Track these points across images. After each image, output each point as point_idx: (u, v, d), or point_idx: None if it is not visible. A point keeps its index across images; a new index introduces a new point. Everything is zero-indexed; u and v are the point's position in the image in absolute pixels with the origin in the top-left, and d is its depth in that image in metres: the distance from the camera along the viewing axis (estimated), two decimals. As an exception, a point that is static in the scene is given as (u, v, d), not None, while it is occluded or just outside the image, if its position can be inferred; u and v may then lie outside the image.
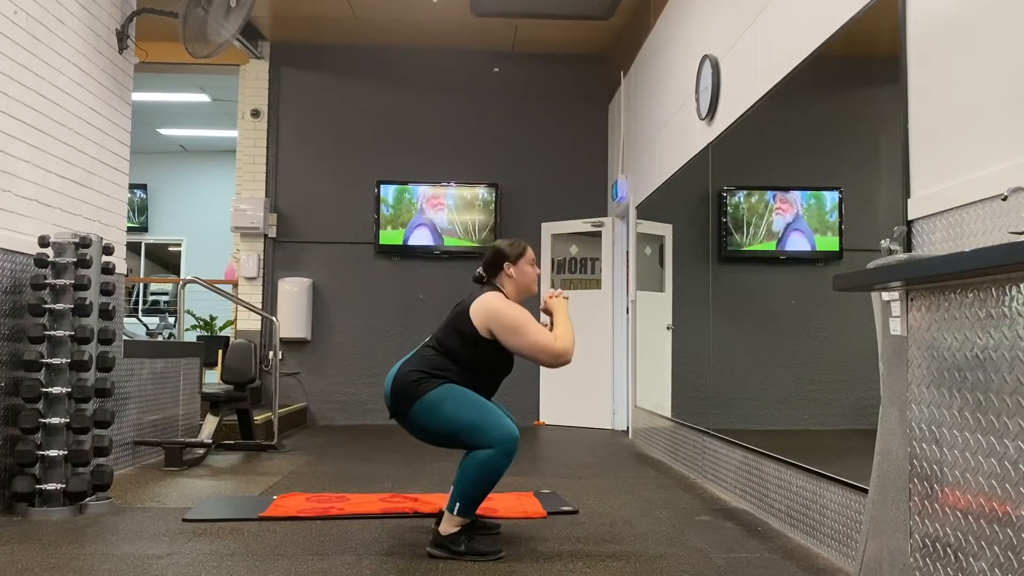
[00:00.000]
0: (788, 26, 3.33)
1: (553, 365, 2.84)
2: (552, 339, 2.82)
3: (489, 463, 2.68)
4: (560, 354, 2.81)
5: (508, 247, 2.99)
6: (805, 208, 3.18)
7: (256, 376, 5.41)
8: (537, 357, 2.81)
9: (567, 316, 2.96)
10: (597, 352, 7.09)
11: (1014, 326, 1.71)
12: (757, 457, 3.52)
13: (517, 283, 2.98)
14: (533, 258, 3.03)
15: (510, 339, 2.80)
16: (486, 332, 2.80)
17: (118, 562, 2.64)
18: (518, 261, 2.98)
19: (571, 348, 2.84)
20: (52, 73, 3.78)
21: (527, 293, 3.01)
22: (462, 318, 2.84)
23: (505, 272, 2.97)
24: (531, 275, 3.00)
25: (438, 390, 2.75)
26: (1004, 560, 1.73)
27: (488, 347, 2.83)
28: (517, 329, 2.78)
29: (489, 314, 2.80)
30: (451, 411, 2.72)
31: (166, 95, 9.01)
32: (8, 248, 3.42)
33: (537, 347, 2.79)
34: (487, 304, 2.82)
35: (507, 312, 2.80)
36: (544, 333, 2.83)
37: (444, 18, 6.99)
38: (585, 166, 7.72)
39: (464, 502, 2.71)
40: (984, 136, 2.03)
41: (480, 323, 2.80)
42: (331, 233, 7.54)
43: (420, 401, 2.74)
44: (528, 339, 2.79)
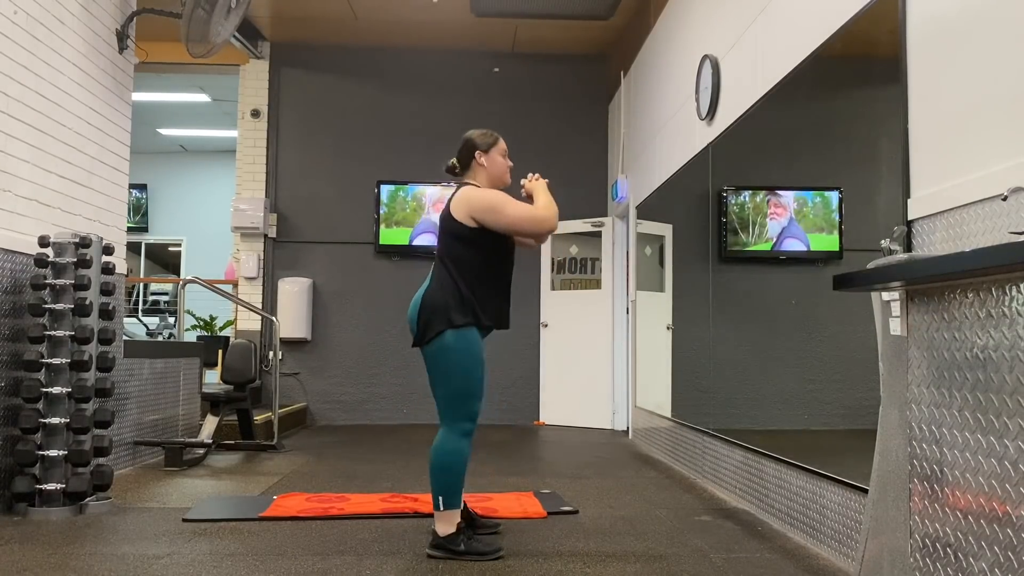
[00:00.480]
0: (788, 26, 3.32)
1: (538, 232, 2.88)
2: (533, 208, 2.89)
3: (449, 447, 2.76)
4: (543, 219, 2.87)
5: (479, 136, 3.02)
6: (802, 208, 3.18)
7: (256, 376, 5.41)
8: (522, 227, 2.86)
9: (547, 192, 3.01)
10: (597, 352, 7.09)
11: (1014, 326, 1.71)
12: (757, 457, 3.52)
13: (488, 172, 3.01)
14: (505, 149, 3.07)
15: (493, 218, 2.83)
16: (471, 222, 2.85)
17: (118, 562, 2.64)
18: (489, 150, 3.01)
19: (554, 215, 2.89)
20: (52, 73, 3.78)
21: (499, 183, 3.04)
22: (448, 221, 2.89)
23: (477, 161, 3.00)
24: (502, 165, 3.04)
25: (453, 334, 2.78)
26: (1004, 560, 1.73)
27: (482, 237, 2.87)
28: (495, 206, 2.83)
29: (467, 204, 2.85)
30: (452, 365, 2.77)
31: (166, 95, 9.01)
32: (8, 248, 3.42)
33: (520, 217, 2.84)
34: (462, 196, 2.88)
35: (482, 195, 2.86)
36: (524, 205, 2.89)
37: (444, 18, 6.99)
38: (585, 166, 7.72)
39: (442, 493, 2.75)
40: (984, 136, 2.03)
41: (463, 216, 2.85)
42: (331, 233, 7.54)
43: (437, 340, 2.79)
44: (508, 211, 2.84)
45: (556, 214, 2.91)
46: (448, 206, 2.91)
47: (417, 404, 7.42)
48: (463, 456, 2.77)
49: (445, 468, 2.76)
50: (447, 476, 2.75)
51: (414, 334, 2.88)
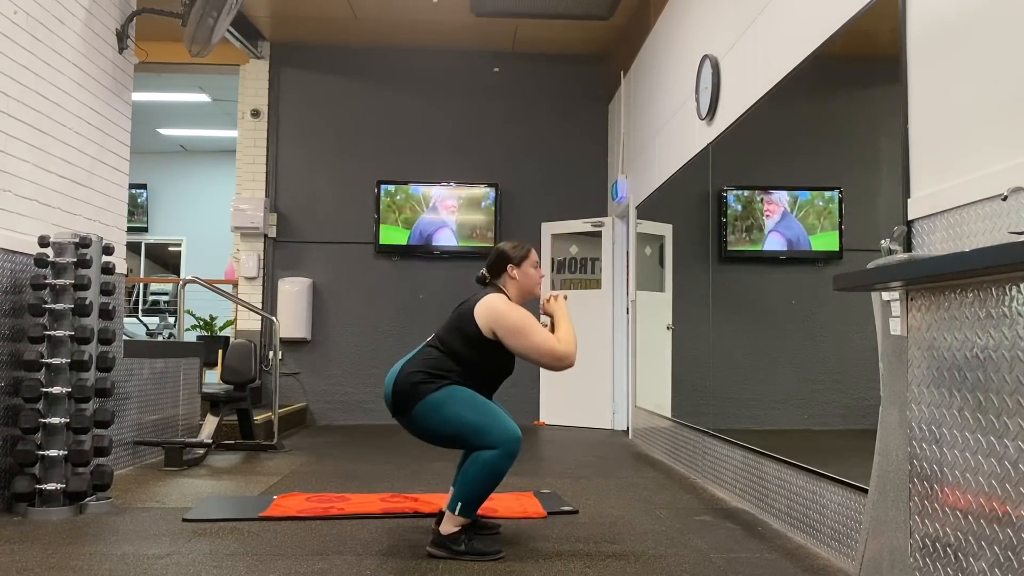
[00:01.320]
0: (788, 26, 3.32)
1: (556, 368, 2.84)
2: (555, 342, 2.83)
3: (492, 464, 2.69)
4: (563, 356, 2.82)
5: (512, 249, 3.00)
6: (796, 207, 3.18)
7: (256, 376, 5.41)
8: (540, 360, 2.82)
9: (568, 317, 2.96)
10: (597, 352, 7.09)
11: (1014, 326, 1.71)
12: (757, 457, 3.52)
13: (520, 285, 2.98)
14: (536, 260, 3.04)
15: (513, 341, 2.80)
16: (489, 333, 2.81)
17: (118, 562, 2.64)
18: (522, 263, 2.98)
19: (574, 351, 2.85)
20: (52, 73, 3.78)
21: (530, 296, 3.01)
22: (465, 318, 2.84)
23: (508, 274, 2.98)
24: (534, 277, 3.00)
25: (441, 391, 2.75)
26: (1004, 560, 1.73)
27: (491, 348, 2.83)
28: (520, 331, 2.79)
29: (493, 315, 2.80)
30: (454, 412, 2.72)
31: (166, 95, 9.01)
32: (8, 248, 3.42)
33: (541, 350, 2.80)
34: (491, 306, 2.82)
35: (510, 314, 2.81)
36: (547, 336, 2.83)
37: (444, 18, 6.99)
38: (585, 166, 7.72)
39: (466, 502, 2.71)
40: (984, 136, 2.03)
41: (484, 324, 2.80)
42: (331, 233, 7.54)
43: (423, 402, 2.74)
44: (532, 341, 2.79)
45: (576, 348, 2.85)
46: (472, 306, 2.85)
47: (417, 404, 7.40)
48: (503, 476, 2.72)
49: (481, 482, 2.69)
50: (479, 489, 2.70)
51: (391, 405, 2.81)
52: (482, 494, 2.72)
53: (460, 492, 2.72)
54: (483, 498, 2.73)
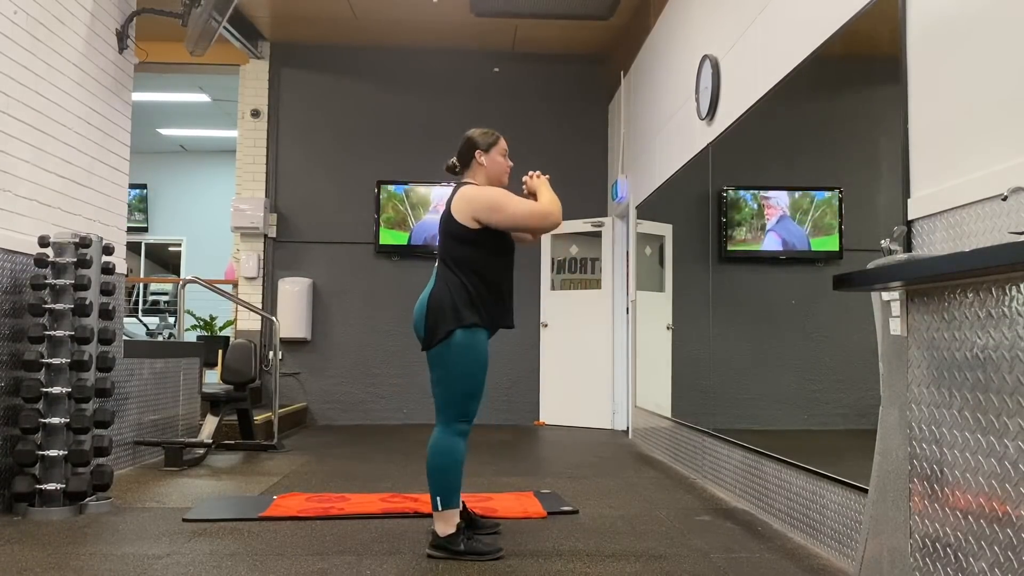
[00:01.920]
0: (788, 26, 3.32)
1: (542, 227, 2.87)
2: (535, 204, 2.87)
3: (445, 446, 2.76)
4: (547, 214, 2.86)
5: (480, 136, 3.00)
6: (793, 207, 3.18)
7: (256, 376, 5.41)
8: (528, 222, 2.84)
9: (549, 190, 3.00)
10: (597, 352, 7.09)
11: (1014, 326, 1.71)
12: (757, 457, 3.52)
13: (488, 172, 2.99)
14: (505, 148, 3.05)
15: (495, 217, 2.82)
16: (472, 222, 2.83)
17: (118, 562, 2.64)
18: (490, 150, 2.99)
19: (557, 210, 2.88)
20: (52, 73, 3.78)
21: (498, 183, 3.02)
22: (448, 223, 2.87)
23: (476, 160, 2.99)
24: (502, 165, 3.02)
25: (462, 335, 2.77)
26: (1004, 560, 1.73)
27: (484, 236, 2.85)
28: (497, 205, 2.82)
29: (468, 203, 2.83)
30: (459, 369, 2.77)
31: (166, 95, 9.01)
32: (8, 248, 3.42)
33: (523, 213, 2.83)
34: (463, 196, 2.86)
35: (483, 193, 2.84)
36: (526, 201, 2.88)
37: (444, 18, 6.99)
38: (585, 166, 7.72)
39: (441, 493, 2.75)
40: (984, 136, 2.03)
41: (464, 216, 2.83)
42: (331, 233, 7.54)
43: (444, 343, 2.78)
44: (511, 209, 2.82)
45: (560, 208, 2.90)
46: (448, 207, 2.89)
47: (417, 404, 7.42)
48: (459, 455, 2.77)
49: (442, 468, 2.76)
50: (444, 475, 2.75)
51: (421, 338, 2.86)
52: (451, 479, 2.75)
53: (431, 487, 2.77)
54: (454, 482, 2.76)
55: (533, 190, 3.04)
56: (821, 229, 3.02)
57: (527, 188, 3.07)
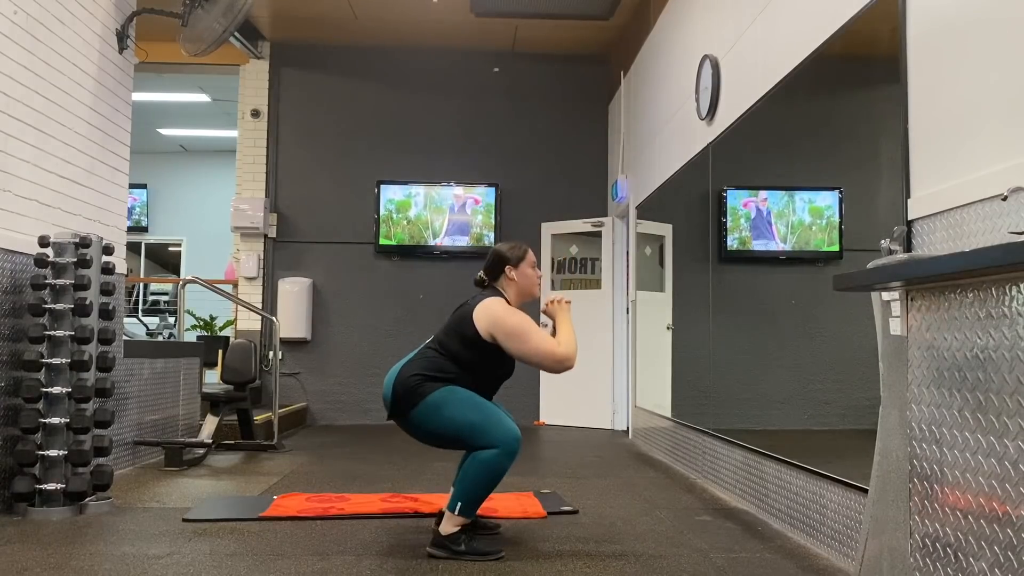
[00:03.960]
0: (788, 26, 3.32)
1: (556, 370, 2.84)
2: (555, 345, 2.82)
3: (492, 463, 2.69)
4: (563, 359, 2.81)
5: (508, 251, 2.99)
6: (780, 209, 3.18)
7: (256, 376, 5.41)
8: (541, 363, 2.82)
9: (569, 321, 2.96)
10: (597, 352, 7.09)
11: (1014, 326, 1.71)
12: (757, 457, 3.52)
13: (519, 286, 2.98)
14: (534, 261, 3.03)
15: (513, 344, 2.80)
16: (488, 336, 2.81)
17: (118, 562, 2.64)
18: (519, 264, 2.98)
19: (574, 353, 2.84)
20: (52, 73, 3.78)
21: (529, 296, 3.01)
22: (465, 321, 2.84)
23: (506, 276, 2.97)
24: (532, 278, 3.00)
25: (440, 392, 2.75)
26: (1004, 560, 1.73)
27: (490, 351, 2.83)
28: (520, 335, 2.79)
29: (492, 319, 2.80)
30: (453, 413, 2.72)
31: (166, 95, 9.01)
32: (8, 248, 3.42)
33: (540, 353, 2.80)
34: (490, 309, 2.82)
35: (510, 318, 2.80)
36: (547, 339, 2.83)
37: (444, 18, 6.99)
38: (585, 166, 7.72)
39: (466, 502, 2.71)
40: (984, 136, 2.03)
41: (483, 328, 2.80)
42: (331, 233, 7.54)
43: (423, 403, 2.74)
44: (531, 345, 2.79)
45: (576, 349, 2.85)
46: (471, 310, 2.84)
47: (417, 404, 7.40)
48: (502, 476, 2.72)
49: (481, 482, 2.70)
50: (479, 489, 2.71)
51: (389, 406, 2.80)
52: (482, 494, 2.72)
53: (460, 492, 2.72)
54: (483, 498, 2.73)
55: (552, 315, 3.00)
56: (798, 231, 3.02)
57: (546, 312, 3.03)
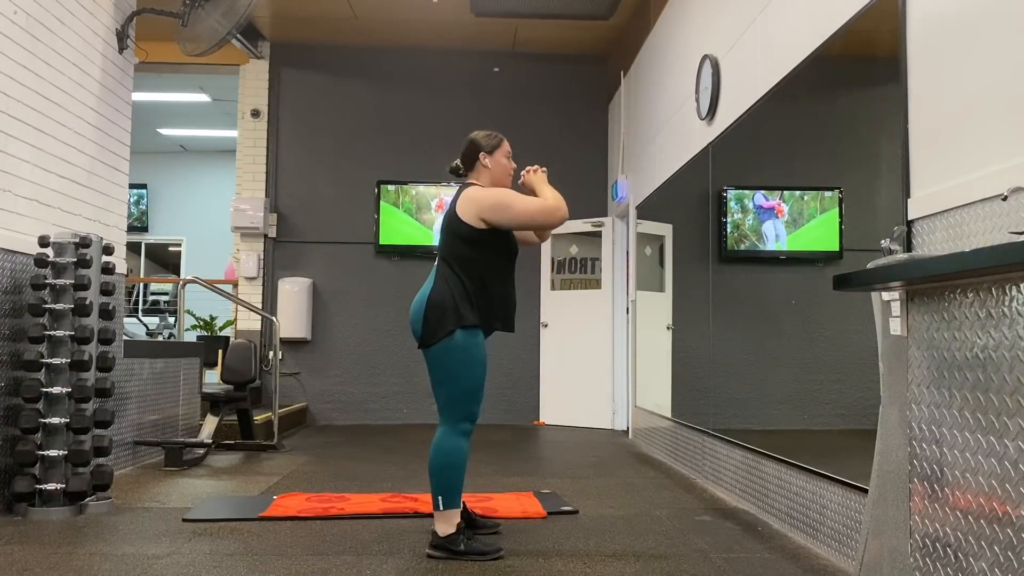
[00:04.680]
0: (788, 26, 3.33)
1: (550, 223, 2.87)
2: (542, 200, 2.87)
3: (446, 447, 2.76)
4: (553, 208, 2.85)
5: (484, 138, 3.00)
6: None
7: (256, 376, 5.41)
8: (534, 219, 2.84)
9: (547, 184, 3.00)
10: (597, 352, 7.09)
11: (1014, 326, 1.71)
12: (757, 457, 3.52)
13: (492, 174, 2.99)
14: (509, 151, 3.04)
15: (502, 216, 2.82)
16: (479, 222, 2.82)
17: (118, 562, 2.64)
18: (494, 152, 2.99)
19: (562, 203, 2.88)
20: (52, 73, 3.78)
21: (502, 185, 3.01)
22: (454, 222, 2.86)
23: (480, 162, 2.98)
24: (506, 166, 3.02)
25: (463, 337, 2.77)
26: (1004, 560, 1.73)
27: (489, 237, 2.84)
28: (503, 204, 2.82)
29: (474, 203, 2.83)
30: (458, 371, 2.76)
31: (166, 95, 9.01)
32: (8, 248, 3.42)
33: (530, 210, 2.83)
34: (467, 196, 2.85)
35: (488, 193, 2.84)
36: (532, 198, 2.87)
37: (444, 18, 6.99)
38: (585, 166, 7.72)
39: (443, 492, 2.75)
40: (984, 136, 2.03)
41: (470, 216, 2.82)
42: (331, 233, 7.54)
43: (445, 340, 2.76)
44: (518, 207, 2.82)
45: (564, 203, 2.89)
46: (453, 207, 2.88)
47: (417, 404, 7.42)
48: (462, 455, 2.77)
49: (444, 467, 2.76)
50: (446, 475, 2.75)
51: (417, 335, 2.84)
52: (453, 476, 2.75)
53: (434, 486, 2.77)
54: (456, 481, 2.76)
55: (531, 185, 3.04)
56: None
57: (524, 183, 3.07)
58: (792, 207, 3.30)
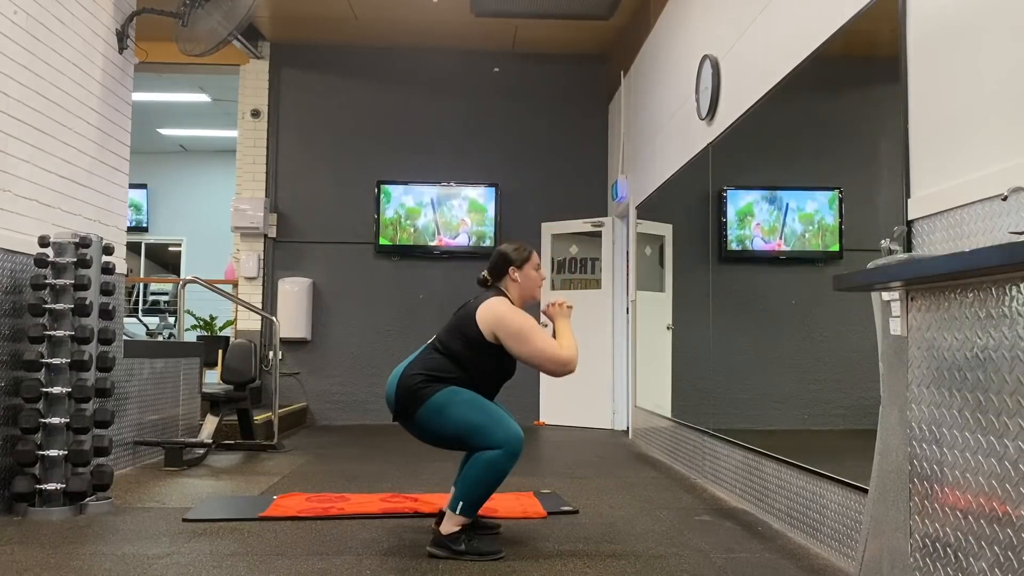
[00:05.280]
0: (788, 26, 3.33)
1: (557, 373, 2.84)
2: (557, 347, 2.83)
3: (494, 464, 2.69)
4: (565, 362, 2.82)
5: (513, 251, 2.99)
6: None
7: (256, 376, 5.41)
8: (542, 365, 2.82)
9: (569, 325, 2.97)
10: (597, 352, 7.09)
11: (1014, 326, 1.71)
12: (757, 457, 3.52)
13: (521, 288, 2.98)
14: (538, 263, 3.03)
15: (515, 345, 2.80)
16: (491, 337, 2.81)
17: (118, 562, 2.64)
18: (523, 266, 2.98)
19: (575, 356, 2.84)
20: (52, 73, 3.78)
21: (531, 298, 3.02)
22: (467, 321, 2.84)
23: (510, 277, 2.97)
24: (536, 280, 3.00)
25: (443, 392, 2.75)
26: (1004, 560, 1.73)
27: (492, 351, 2.84)
28: (523, 336, 2.79)
29: (495, 320, 2.80)
30: (457, 413, 2.72)
31: (166, 95, 9.01)
32: (8, 248, 3.42)
33: (544, 355, 2.80)
34: (493, 310, 2.82)
35: (513, 319, 2.80)
36: (549, 341, 2.84)
37: (444, 18, 6.99)
38: (585, 166, 7.72)
39: (468, 502, 2.72)
40: (984, 136, 2.03)
41: (486, 328, 2.80)
42: (331, 233, 7.54)
43: (426, 404, 2.74)
44: (534, 347, 2.79)
45: (577, 354, 2.85)
46: (474, 309, 2.85)
47: (417, 404, 7.41)
48: (504, 476, 2.72)
49: (483, 482, 2.69)
50: (481, 489, 2.70)
51: (394, 408, 2.82)
52: (484, 494, 2.72)
53: (462, 492, 2.72)
54: (485, 498, 2.73)
55: (552, 318, 3.00)
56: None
57: (547, 312, 3.03)
58: (795, 244, 3.30)
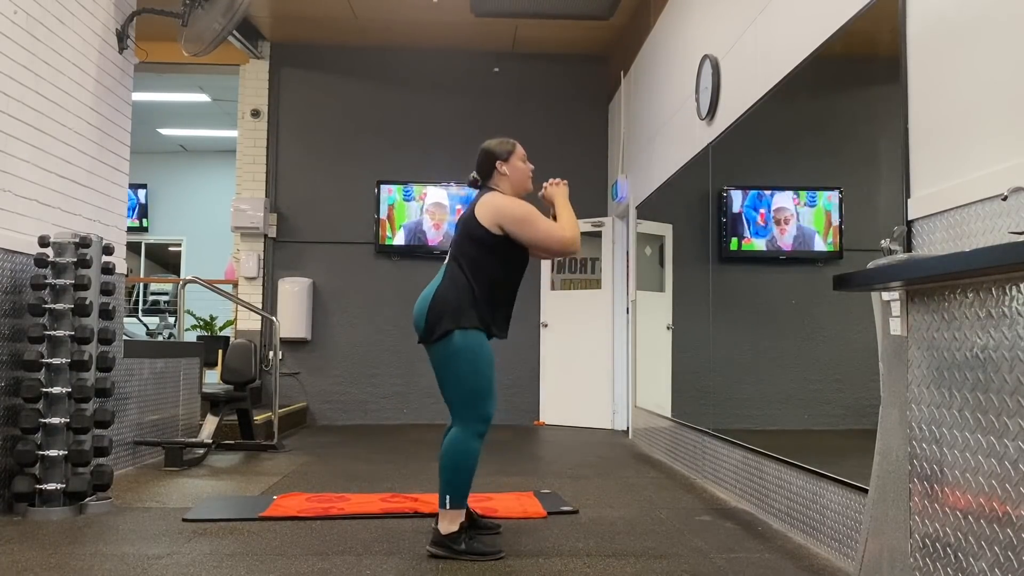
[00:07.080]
0: (788, 26, 3.33)
1: (561, 253, 2.90)
2: (560, 228, 2.89)
3: (461, 447, 2.75)
4: (570, 241, 2.88)
5: (497, 145, 3.00)
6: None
7: (256, 376, 5.41)
8: (549, 245, 2.86)
9: (568, 204, 3.01)
10: (597, 352, 7.09)
11: (1014, 326, 1.71)
12: (757, 457, 3.52)
13: (511, 180, 2.99)
14: (523, 154, 3.04)
15: (521, 230, 2.83)
16: (496, 229, 2.84)
17: (118, 562, 2.64)
18: (509, 158, 2.99)
19: (577, 236, 2.91)
20: (52, 73, 3.78)
21: (522, 189, 3.02)
22: (471, 223, 2.87)
23: (498, 171, 2.98)
24: (524, 170, 3.02)
25: (467, 337, 2.77)
26: (1004, 560, 1.73)
27: (503, 244, 2.86)
28: (526, 220, 2.83)
29: (496, 210, 2.84)
30: (464, 370, 2.77)
31: (166, 95, 9.01)
32: (8, 248, 3.42)
33: (550, 237, 2.85)
34: (492, 202, 2.86)
35: (513, 205, 2.85)
36: (552, 223, 2.90)
37: (444, 18, 6.99)
38: (585, 166, 7.72)
39: (452, 492, 2.75)
40: (984, 136, 2.03)
41: (489, 222, 2.83)
42: (331, 233, 7.54)
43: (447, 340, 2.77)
44: (538, 228, 2.84)
45: (578, 235, 2.92)
46: (472, 209, 2.89)
47: (417, 404, 7.42)
48: (474, 457, 2.77)
49: (457, 467, 2.75)
50: (458, 475, 2.75)
51: (420, 331, 2.85)
52: (464, 478, 2.75)
53: (443, 484, 2.77)
54: (466, 483, 2.76)
55: (551, 198, 3.04)
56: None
57: (544, 195, 3.07)
58: (797, 244, 3.30)
